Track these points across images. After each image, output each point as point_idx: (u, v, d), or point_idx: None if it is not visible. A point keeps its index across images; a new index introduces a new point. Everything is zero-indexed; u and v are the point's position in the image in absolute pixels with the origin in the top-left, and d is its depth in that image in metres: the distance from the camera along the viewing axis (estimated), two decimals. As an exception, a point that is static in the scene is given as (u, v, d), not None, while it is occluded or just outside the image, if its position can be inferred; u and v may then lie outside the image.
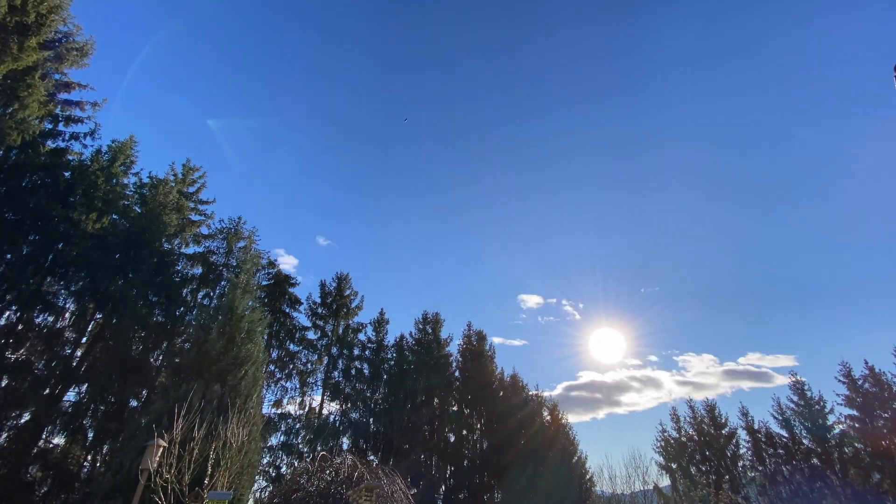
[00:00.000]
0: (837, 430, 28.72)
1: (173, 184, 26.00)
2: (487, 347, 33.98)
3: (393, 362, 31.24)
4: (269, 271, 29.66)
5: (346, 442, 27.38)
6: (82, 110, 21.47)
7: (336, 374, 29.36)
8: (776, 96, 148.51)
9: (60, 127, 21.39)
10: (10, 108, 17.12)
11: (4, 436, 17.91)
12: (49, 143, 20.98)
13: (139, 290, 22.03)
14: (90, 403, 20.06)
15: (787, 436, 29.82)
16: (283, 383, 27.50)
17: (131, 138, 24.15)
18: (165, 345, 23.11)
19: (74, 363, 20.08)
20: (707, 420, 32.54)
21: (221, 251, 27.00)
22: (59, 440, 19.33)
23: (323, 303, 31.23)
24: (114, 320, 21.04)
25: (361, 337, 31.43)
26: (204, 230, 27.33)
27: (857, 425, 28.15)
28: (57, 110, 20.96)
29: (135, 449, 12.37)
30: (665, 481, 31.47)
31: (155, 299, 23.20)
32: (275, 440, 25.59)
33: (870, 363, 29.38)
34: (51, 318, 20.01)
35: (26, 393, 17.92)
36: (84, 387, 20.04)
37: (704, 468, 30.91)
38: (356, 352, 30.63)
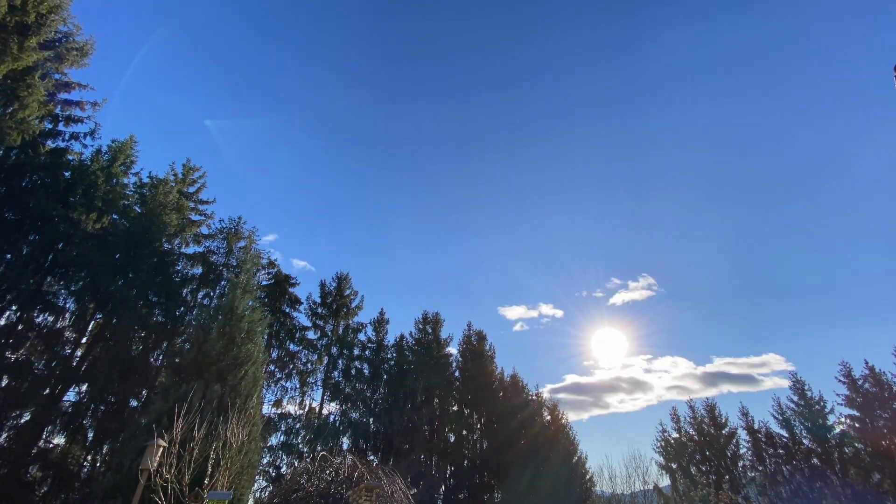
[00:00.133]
0: (837, 430, 28.74)
1: (173, 184, 26.00)
2: (487, 347, 33.99)
3: (393, 362, 31.24)
4: (270, 271, 29.68)
5: (346, 442, 27.40)
6: (82, 110, 21.48)
7: (336, 374, 29.36)
8: (776, 96, 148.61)
9: (60, 127, 21.40)
10: (10, 107, 17.12)
11: (4, 436, 17.90)
12: (49, 143, 20.98)
13: (139, 290, 22.03)
14: (90, 403, 20.05)
15: (787, 436, 29.84)
16: (283, 383, 27.51)
17: (131, 138, 24.18)
18: (165, 345, 23.10)
19: (74, 363, 20.08)
20: (707, 420, 32.55)
21: (221, 251, 27.01)
22: (59, 440, 19.34)
23: (323, 303, 31.23)
24: (114, 320, 21.04)
25: (361, 337, 31.49)
26: (204, 230, 27.36)
27: (857, 425, 28.16)
28: (57, 110, 20.95)
29: (135, 449, 12.35)
30: (665, 481, 31.51)
31: (155, 299, 23.19)
32: (275, 440, 25.61)
33: (870, 363, 29.48)
34: (51, 318, 20.01)
35: (26, 393, 17.92)
36: (84, 387, 20.04)
37: (704, 468, 30.91)
38: (356, 352, 30.64)
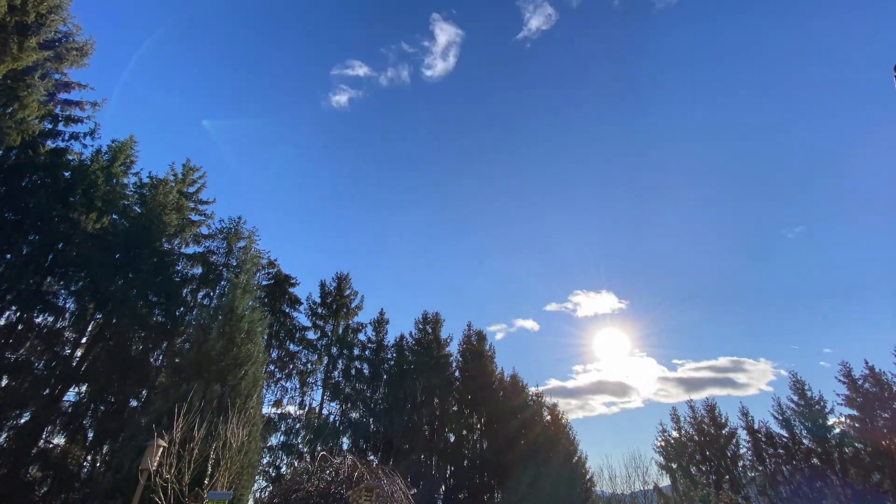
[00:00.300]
0: (837, 430, 28.76)
1: (173, 184, 25.99)
2: (487, 347, 33.97)
3: (393, 362, 31.23)
4: (269, 271, 29.67)
5: (346, 442, 27.39)
6: (82, 110, 21.47)
7: (336, 374, 29.35)
8: (776, 96, 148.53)
9: (60, 127, 21.40)
10: (10, 107, 17.12)
11: (4, 436, 17.88)
12: (49, 143, 20.97)
13: (139, 290, 22.02)
14: (90, 403, 20.04)
15: (787, 436, 29.84)
16: (283, 383, 27.51)
17: (131, 138, 24.18)
18: (165, 345, 23.09)
19: (74, 363, 20.06)
20: (707, 420, 32.56)
21: (221, 251, 27.00)
22: (59, 440, 19.31)
23: (323, 303, 31.22)
24: (114, 320, 21.03)
25: (361, 337, 31.49)
26: (204, 230, 27.35)
27: (857, 425, 28.16)
28: (57, 110, 20.95)
29: (135, 449, 12.35)
30: (665, 481, 31.52)
31: (155, 299, 23.18)
32: (275, 440, 25.60)
33: (870, 363, 29.49)
34: (51, 318, 19.98)
35: (26, 393, 17.91)
36: (84, 387, 20.04)
37: (704, 468, 30.92)
38: (356, 352, 30.63)
